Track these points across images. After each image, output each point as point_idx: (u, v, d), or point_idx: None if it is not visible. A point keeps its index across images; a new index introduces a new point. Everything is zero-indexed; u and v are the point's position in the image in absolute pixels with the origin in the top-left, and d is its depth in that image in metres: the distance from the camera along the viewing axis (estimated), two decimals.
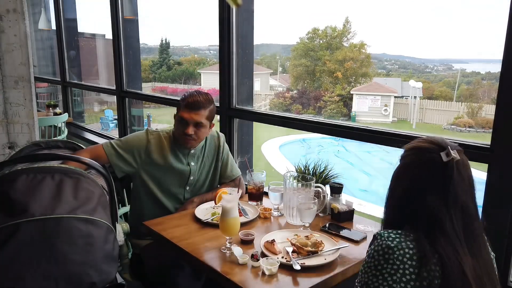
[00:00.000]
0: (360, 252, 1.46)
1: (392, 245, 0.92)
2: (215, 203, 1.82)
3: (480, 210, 1.46)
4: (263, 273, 1.30)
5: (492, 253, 1.06)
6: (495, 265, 1.05)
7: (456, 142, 1.53)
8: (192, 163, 1.93)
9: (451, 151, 0.98)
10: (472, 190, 1.01)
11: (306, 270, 1.33)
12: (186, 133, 1.80)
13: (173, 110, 1.97)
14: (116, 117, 3.85)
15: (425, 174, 1.00)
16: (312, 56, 23.73)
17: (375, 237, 0.98)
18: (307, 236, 1.47)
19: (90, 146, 1.87)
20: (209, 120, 1.86)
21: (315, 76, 23.54)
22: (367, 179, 11.72)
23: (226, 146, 2.06)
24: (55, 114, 4.28)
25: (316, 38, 23.98)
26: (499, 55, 1.38)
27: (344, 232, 1.61)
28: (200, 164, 1.96)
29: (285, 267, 1.34)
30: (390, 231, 0.96)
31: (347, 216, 1.74)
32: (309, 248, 1.41)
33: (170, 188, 1.91)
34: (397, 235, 0.94)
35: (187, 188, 1.94)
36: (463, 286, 0.90)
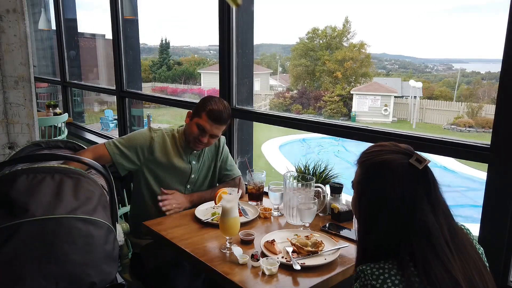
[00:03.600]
0: None
1: (378, 285, 0.87)
2: (215, 203, 1.82)
3: (480, 210, 1.48)
4: (263, 273, 1.30)
5: (479, 247, 1.03)
6: (484, 258, 1.02)
7: (456, 142, 1.55)
8: (194, 162, 1.94)
9: (419, 154, 0.94)
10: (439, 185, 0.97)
11: (306, 270, 1.33)
12: (202, 141, 1.82)
13: (173, 110, 1.98)
14: (116, 117, 3.85)
15: (410, 188, 0.93)
16: (312, 56, 23.73)
17: (358, 274, 0.92)
18: (307, 236, 1.47)
19: (92, 145, 1.87)
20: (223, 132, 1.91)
21: (315, 76, 23.54)
22: None
23: (226, 147, 2.06)
24: (55, 114, 4.28)
25: (316, 38, 23.98)
26: (499, 55, 1.38)
27: (344, 232, 1.61)
28: (201, 163, 1.97)
29: (285, 267, 1.34)
30: (372, 265, 0.90)
31: (347, 216, 1.74)
32: (309, 248, 1.41)
33: (171, 186, 1.91)
34: (381, 270, 0.89)
35: (188, 186, 1.95)
36: None
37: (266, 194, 1.89)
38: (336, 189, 1.81)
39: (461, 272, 0.89)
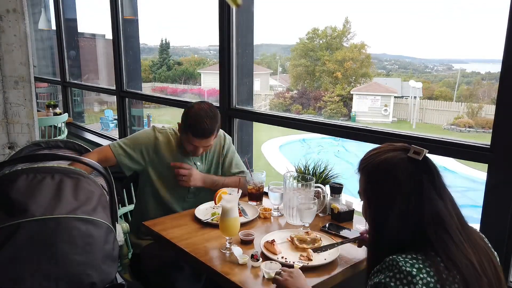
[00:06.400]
0: (360, 252, 1.46)
1: (414, 273, 0.85)
2: (215, 203, 1.81)
3: (480, 210, 1.48)
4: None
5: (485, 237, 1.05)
6: (489, 245, 1.03)
7: (456, 142, 1.55)
8: (198, 163, 1.94)
9: (416, 147, 0.96)
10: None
11: (306, 270, 1.32)
12: (198, 153, 1.84)
13: (173, 110, 1.96)
14: (116, 117, 3.85)
15: (415, 180, 0.95)
16: (312, 56, 23.71)
17: (387, 263, 0.90)
18: (307, 232, 1.49)
19: (97, 148, 1.87)
20: (216, 136, 1.87)
21: (315, 76, 23.51)
22: None
23: (232, 146, 2.05)
24: (55, 114, 4.28)
25: (316, 38, 23.97)
26: (499, 55, 1.38)
27: (344, 232, 1.61)
28: (205, 164, 1.97)
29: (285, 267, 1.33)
30: (404, 256, 0.89)
31: (347, 216, 1.74)
32: (305, 245, 1.42)
33: (175, 187, 1.91)
34: (414, 260, 0.88)
35: (191, 187, 1.94)
36: (476, 280, 0.89)
37: (266, 194, 1.89)
38: (336, 189, 1.81)
39: (474, 257, 0.90)
